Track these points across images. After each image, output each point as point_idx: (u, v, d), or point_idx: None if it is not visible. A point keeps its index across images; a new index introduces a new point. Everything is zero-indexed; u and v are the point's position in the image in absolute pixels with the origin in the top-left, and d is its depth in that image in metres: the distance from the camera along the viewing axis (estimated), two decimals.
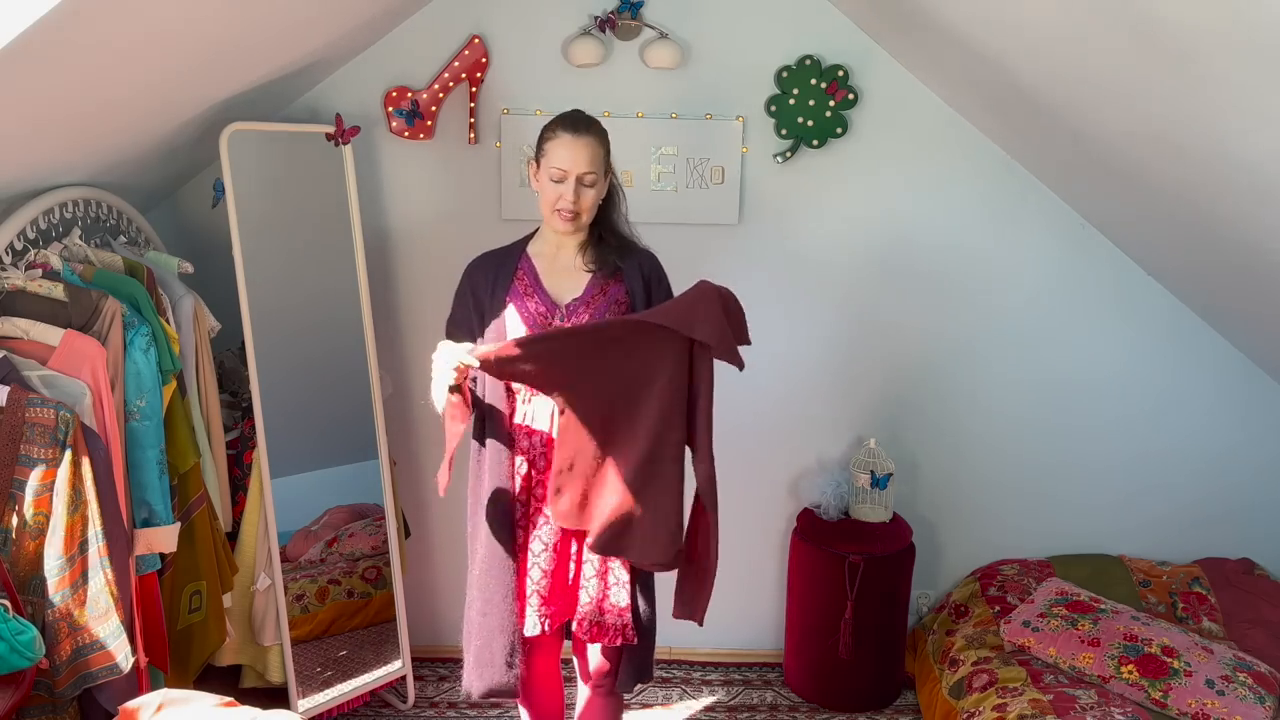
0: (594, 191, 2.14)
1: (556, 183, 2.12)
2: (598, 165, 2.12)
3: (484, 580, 2.22)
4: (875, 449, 3.14)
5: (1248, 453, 3.26)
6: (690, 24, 2.99)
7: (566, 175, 2.11)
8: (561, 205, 2.12)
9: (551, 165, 2.12)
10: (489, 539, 2.21)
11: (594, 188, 2.14)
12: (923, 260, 3.16)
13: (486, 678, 2.22)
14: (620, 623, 2.24)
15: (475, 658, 2.24)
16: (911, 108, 3.05)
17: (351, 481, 3.05)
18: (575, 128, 2.13)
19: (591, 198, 2.14)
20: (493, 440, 2.23)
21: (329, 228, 2.90)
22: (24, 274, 2.13)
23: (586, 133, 2.13)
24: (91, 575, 1.96)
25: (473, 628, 2.25)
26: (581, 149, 2.10)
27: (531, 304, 2.20)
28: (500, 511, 2.21)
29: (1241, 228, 2.35)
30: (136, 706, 1.73)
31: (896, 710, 3.16)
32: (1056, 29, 2.09)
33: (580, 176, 2.11)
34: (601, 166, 2.14)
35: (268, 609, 2.84)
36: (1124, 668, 2.65)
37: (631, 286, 2.22)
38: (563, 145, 2.11)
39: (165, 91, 2.33)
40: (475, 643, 2.24)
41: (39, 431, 1.90)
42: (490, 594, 2.21)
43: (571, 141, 2.11)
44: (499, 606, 2.21)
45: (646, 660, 2.33)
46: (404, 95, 2.95)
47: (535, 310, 2.19)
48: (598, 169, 2.13)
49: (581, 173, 2.11)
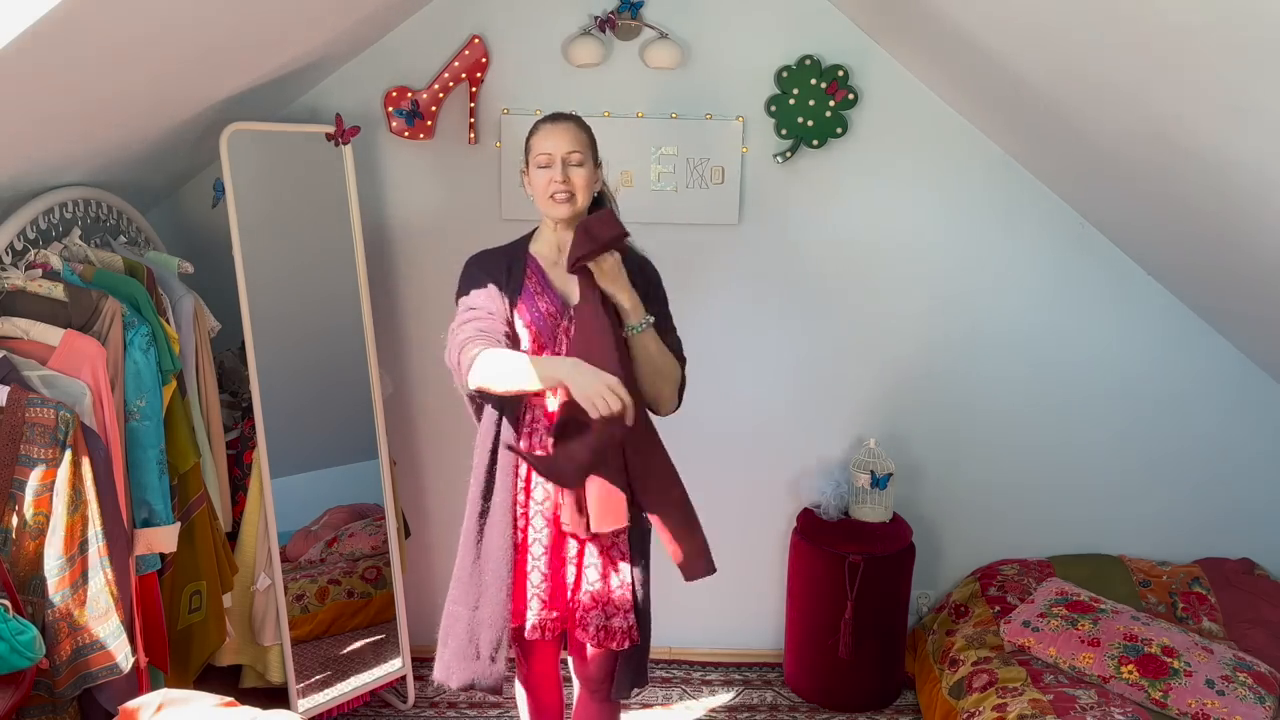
0: (583, 171, 2.18)
1: (544, 168, 2.17)
2: (581, 146, 2.18)
3: (480, 571, 2.21)
4: (875, 449, 3.14)
5: (1248, 453, 3.26)
6: (690, 24, 2.99)
7: (552, 159, 2.16)
8: (554, 189, 2.16)
9: (537, 153, 2.18)
10: (491, 530, 2.20)
11: (582, 167, 2.18)
12: (923, 260, 3.16)
13: (470, 669, 2.21)
14: (626, 624, 2.23)
15: (458, 649, 2.22)
16: (911, 108, 3.05)
17: (351, 481, 3.05)
18: (554, 118, 2.21)
19: (582, 176, 2.18)
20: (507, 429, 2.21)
21: (329, 228, 2.90)
22: (24, 274, 2.13)
23: (565, 120, 2.21)
24: (91, 575, 1.96)
25: (457, 619, 2.23)
26: (561, 132, 2.17)
27: (542, 304, 2.20)
28: (505, 504, 2.20)
29: (1241, 227, 2.35)
30: (136, 706, 1.73)
31: (896, 710, 3.17)
32: (1056, 28, 2.09)
33: (565, 157, 2.16)
34: (586, 149, 2.19)
35: (268, 609, 2.84)
36: (1124, 668, 2.65)
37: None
38: (543, 134, 2.19)
39: (165, 91, 2.33)
40: (459, 633, 2.22)
41: (39, 431, 1.90)
42: (486, 586, 2.20)
43: (551, 128, 2.18)
44: (493, 599, 2.19)
45: (642, 664, 2.32)
46: (404, 95, 2.95)
47: (546, 310, 2.20)
48: (582, 150, 2.18)
49: (566, 153, 2.16)
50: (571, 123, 2.20)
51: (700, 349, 2.87)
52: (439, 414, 3.22)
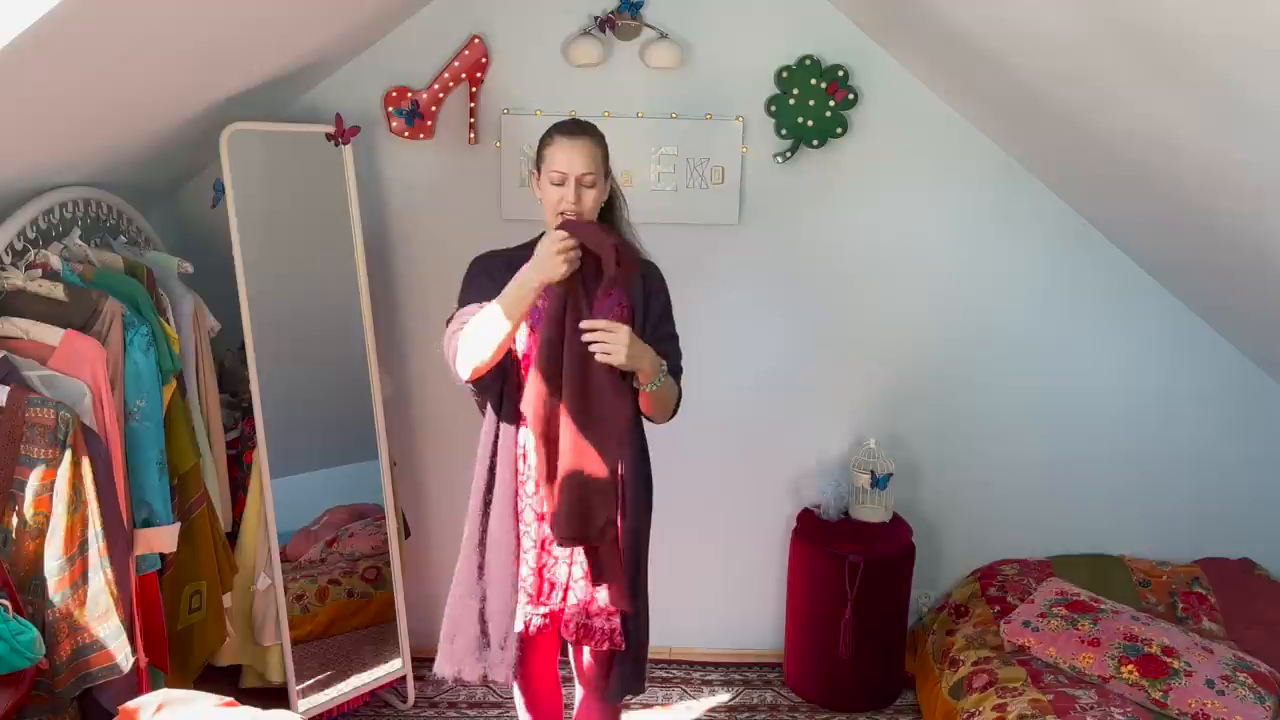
0: (594, 192, 2.16)
1: (557, 185, 2.15)
2: (596, 167, 2.15)
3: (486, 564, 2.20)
4: (875, 449, 3.14)
5: (1247, 452, 3.26)
6: (690, 24, 2.99)
7: (566, 177, 2.13)
8: (564, 207, 2.14)
9: (551, 169, 2.15)
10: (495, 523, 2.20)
11: (594, 189, 2.16)
12: (923, 260, 3.16)
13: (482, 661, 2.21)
14: (608, 626, 2.23)
15: (469, 642, 2.22)
16: (911, 108, 3.05)
17: (351, 481, 3.05)
18: (571, 131, 2.17)
19: (592, 198, 2.16)
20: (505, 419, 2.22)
21: (329, 228, 2.90)
22: (24, 274, 2.13)
23: (582, 135, 2.16)
24: (91, 575, 1.96)
25: (467, 611, 2.23)
26: (578, 151, 2.14)
27: (542, 303, 2.19)
28: (507, 497, 2.21)
29: (1241, 228, 2.35)
30: (136, 706, 1.73)
31: (896, 710, 3.16)
32: (1056, 28, 2.09)
33: (579, 178, 2.13)
34: (600, 168, 2.17)
35: (268, 609, 2.84)
36: (1124, 668, 2.65)
37: (634, 295, 2.24)
38: (560, 149, 2.15)
39: (165, 91, 2.33)
40: (469, 625, 2.22)
41: (39, 431, 1.90)
42: (492, 578, 2.20)
43: (568, 145, 2.14)
44: (499, 592, 2.20)
45: (638, 671, 2.30)
46: (404, 95, 2.95)
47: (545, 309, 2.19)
48: (596, 170, 2.15)
49: (580, 174, 2.13)
50: (589, 139, 2.16)
51: (700, 349, 2.87)
52: (439, 414, 3.22)
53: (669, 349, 2.24)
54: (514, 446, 2.21)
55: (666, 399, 2.22)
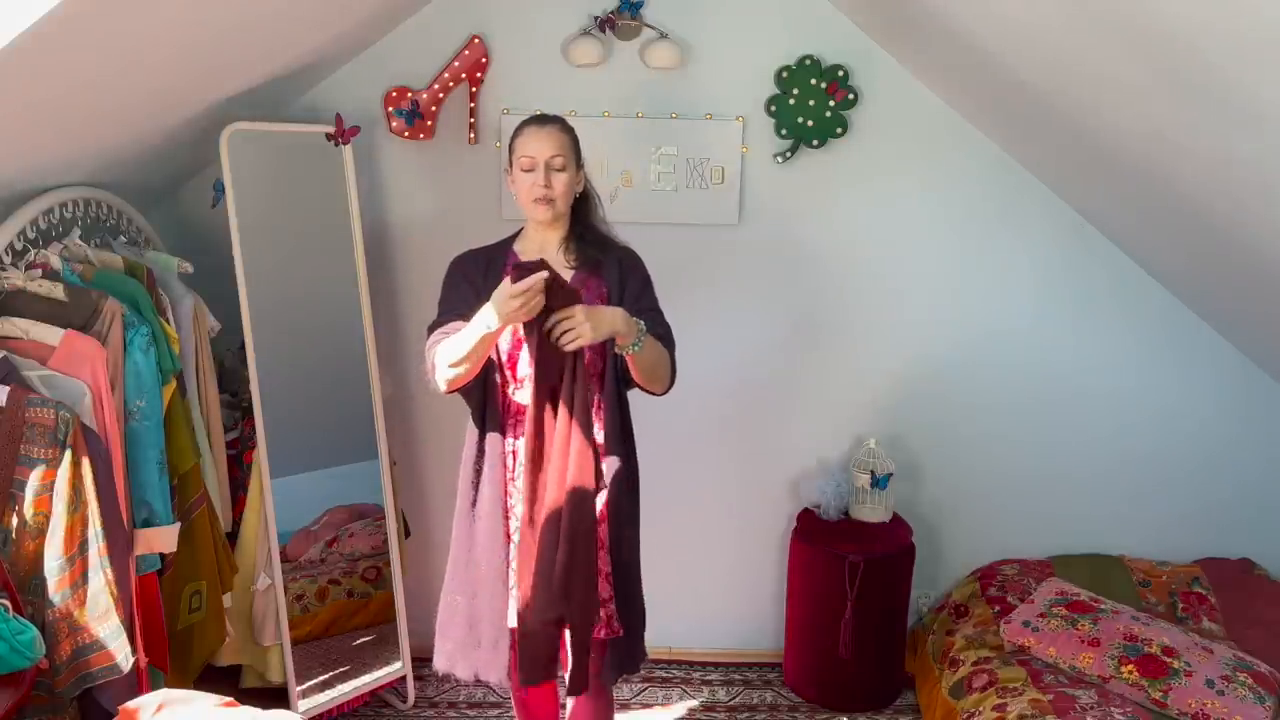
0: (565, 176, 2.21)
1: (527, 172, 2.20)
2: (564, 151, 2.20)
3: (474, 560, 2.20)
4: (875, 449, 3.14)
5: (1248, 453, 3.26)
6: (690, 24, 2.99)
7: (535, 162, 2.19)
8: (536, 192, 2.19)
9: (520, 156, 2.21)
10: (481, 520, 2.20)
11: (564, 172, 2.21)
12: (923, 260, 3.16)
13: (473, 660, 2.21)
14: (604, 615, 2.23)
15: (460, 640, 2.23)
16: (911, 107, 3.05)
17: (351, 481, 3.05)
18: (538, 120, 2.24)
19: (564, 182, 2.20)
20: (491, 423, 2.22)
21: (329, 228, 2.90)
22: (24, 274, 2.13)
23: (550, 123, 2.23)
24: (91, 575, 1.96)
25: (456, 609, 2.23)
26: (545, 136, 2.20)
27: None
28: (495, 496, 2.21)
29: (1241, 227, 2.35)
30: (136, 706, 1.73)
31: (896, 710, 3.16)
32: (1056, 28, 2.09)
33: (548, 161, 2.18)
34: (569, 153, 2.21)
35: (268, 609, 2.84)
36: (1124, 668, 2.65)
37: (609, 280, 2.26)
38: (528, 136, 2.21)
39: (165, 91, 2.33)
40: (459, 624, 2.23)
41: (39, 431, 1.90)
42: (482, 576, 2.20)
43: (535, 131, 2.21)
44: (490, 588, 2.20)
45: (632, 651, 2.30)
46: (404, 95, 2.95)
47: None
48: (565, 154, 2.20)
49: (549, 157, 2.18)
50: (555, 126, 2.22)
51: (699, 349, 2.87)
52: (439, 414, 3.22)
53: (654, 320, 2.22)
54: (500, 446, 2.22)
55: (654, 363, 2.17)
